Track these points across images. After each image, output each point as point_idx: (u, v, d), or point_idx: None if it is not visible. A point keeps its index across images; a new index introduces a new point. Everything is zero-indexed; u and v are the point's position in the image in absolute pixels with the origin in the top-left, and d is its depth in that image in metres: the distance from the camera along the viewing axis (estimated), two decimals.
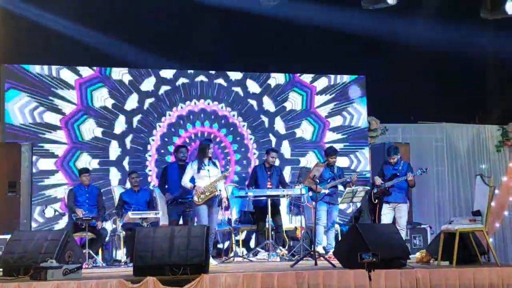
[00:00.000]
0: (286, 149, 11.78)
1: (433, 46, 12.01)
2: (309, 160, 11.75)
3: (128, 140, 11.13)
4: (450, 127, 12.76)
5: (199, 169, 9.11)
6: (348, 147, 11.95)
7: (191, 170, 9.17)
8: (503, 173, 12.83)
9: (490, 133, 12.94)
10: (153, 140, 11.24)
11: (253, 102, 11.73)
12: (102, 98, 11.05)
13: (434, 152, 12.57)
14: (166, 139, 11.29)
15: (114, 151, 11.03)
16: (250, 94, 11.71)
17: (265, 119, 11.76)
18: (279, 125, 11.81)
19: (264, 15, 11.04)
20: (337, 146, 10.97)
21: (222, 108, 11.56)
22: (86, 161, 10.82)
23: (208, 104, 11.52)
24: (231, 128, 11.58)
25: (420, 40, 11.83)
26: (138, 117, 11.21)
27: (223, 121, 11.54)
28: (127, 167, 10.99)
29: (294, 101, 11.89)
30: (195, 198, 8.99)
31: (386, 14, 10.87)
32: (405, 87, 12.18)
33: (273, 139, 11.74)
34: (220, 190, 9.23)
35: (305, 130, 11.89)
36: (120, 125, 11.11)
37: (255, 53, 11.64)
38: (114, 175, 10.97)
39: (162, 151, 11.24)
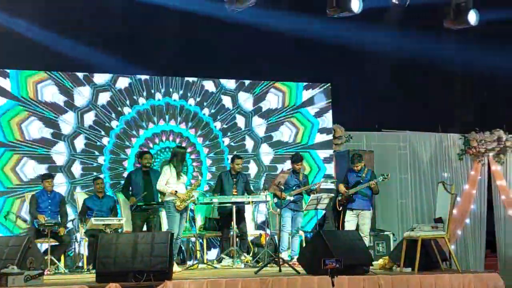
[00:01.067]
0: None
1: (398, 55, 12.14)
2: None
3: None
4: (413, 135, 12.89)
5: (178, 175, 9.07)
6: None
7: (168, 174, 9.06)
8: (465, 181, 13.01)
9: (452, 142, 13.10)
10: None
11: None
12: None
13: (398, 159, 12.69)
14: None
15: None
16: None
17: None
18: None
19: (229, 21, 11.03)
20: None
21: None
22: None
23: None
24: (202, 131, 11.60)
25: (385, 48, 11.96)
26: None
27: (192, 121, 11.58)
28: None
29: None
30: (178, 203, 8.95)
31: (352, 22, 10.96)
32: (370, 95, 12.30)
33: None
34: (197, 198, 9.30)
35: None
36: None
37: (220, 59, 11.65)
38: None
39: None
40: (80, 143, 10.98)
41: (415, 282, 7.89)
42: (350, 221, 9.85)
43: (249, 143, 11.85)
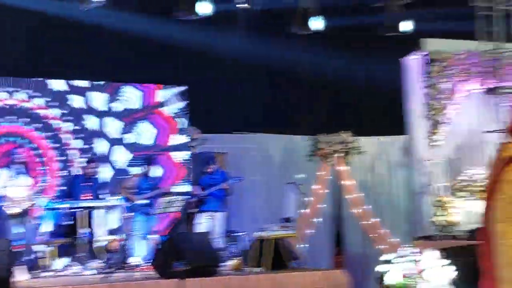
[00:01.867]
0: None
1: (252, 59, 12.32)
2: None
3: None
4: (264, 137, 13.12)
5: (15, 176, 8.67)
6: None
7: (4, 177, 8.68)
8: (314, 182, 13.41)
9: (302, 143, 13.46)
10: None
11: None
12: None
13: (250, 161, 12.87)
14: None
15: None
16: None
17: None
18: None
19: (80, 21, 10.72)
20: None
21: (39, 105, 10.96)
22: None
23: (22, 99, 10.89)
24: (51, 133, 11.00)
25: (240, 52, 12.10)
26: None
27: (40, 122, 10.89)
28: None
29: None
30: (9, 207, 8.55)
31: (207, 25, 11.01)
32: (224, 98, 12.42)
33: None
34: (35, 203, 8.93)
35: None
36: None
37: (73, 61, 11.31)
38: None
39: None
40: None
41: (265, 281, 8.05)
42: (203, 223, 9.91)
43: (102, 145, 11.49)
